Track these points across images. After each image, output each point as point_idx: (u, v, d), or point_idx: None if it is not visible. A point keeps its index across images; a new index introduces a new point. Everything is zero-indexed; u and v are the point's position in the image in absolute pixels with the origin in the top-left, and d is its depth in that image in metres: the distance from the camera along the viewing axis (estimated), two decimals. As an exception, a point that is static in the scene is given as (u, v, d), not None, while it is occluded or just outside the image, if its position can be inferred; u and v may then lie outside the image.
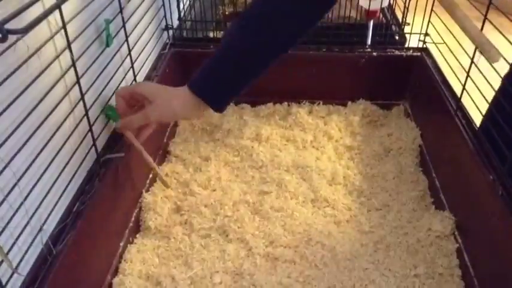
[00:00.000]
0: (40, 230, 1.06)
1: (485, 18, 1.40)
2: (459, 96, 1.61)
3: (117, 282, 1.35)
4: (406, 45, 2.07)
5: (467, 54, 1.56)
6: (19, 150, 0.96)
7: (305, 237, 1.51)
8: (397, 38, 2.11)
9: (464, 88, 1.54)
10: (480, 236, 1.35)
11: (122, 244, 1.45)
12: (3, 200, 0.91)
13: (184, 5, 2.21)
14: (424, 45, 2.01)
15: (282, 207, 1.62)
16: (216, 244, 1.50)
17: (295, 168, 1.80)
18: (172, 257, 1.46)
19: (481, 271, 1.31)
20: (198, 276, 1.38)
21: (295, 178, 1.75)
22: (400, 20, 2.11)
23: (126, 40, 1.49)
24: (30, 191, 1.01)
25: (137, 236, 1.54)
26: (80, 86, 1.18)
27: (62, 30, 1.08)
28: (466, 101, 1.61)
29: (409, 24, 2.10)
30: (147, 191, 1.66)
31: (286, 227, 1.55)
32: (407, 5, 2.03)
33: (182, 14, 2.14)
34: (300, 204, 1.65)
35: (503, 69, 1.47)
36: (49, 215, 1.10)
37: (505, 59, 1.36)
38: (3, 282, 0.89)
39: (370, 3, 1.98)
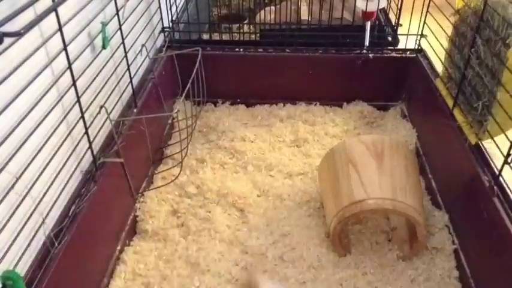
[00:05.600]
0: (38, 230, 1.06)
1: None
2: (455, 97, 1.61)
3: (114, 285, 1.35)
4: (403, 47, 2.06)
5: (461, 55, 1.56)
6: (15, 152, 0.95)
7: (301, 240, 1.50)
8: (389, 39, 2.11)
9: (459, 89, 1.54)
10: (476, 236, 1.35)
11: (118, 248, 1.44)
12: (1, 201, 0.91)
13: (177, 7, 2.20)
14: (419, 47, 2.01)
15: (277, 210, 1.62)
16: (213, 246, 1.49)
17: (291, 170, 1.80)
18: (169, 260, 1.45)
19: (478, 272, 1.31)
20: (195, 278, 1.38)
21: (291, 180, 1.75)
22: (394, 22, 2.11)
23: (123, 42, 1.48)
24: (26, 193, 1.00)
25: (134, 239, 1.53)
26: (76, 88, 1.17)
27: (58, 33, 1.08)
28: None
29: (401, 25, 2.10)
30: (144, 194, 1.65)
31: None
32: (399, 7, 2.02)
33: (175, 17, 2.14)
34: (295, 205, 1.64)
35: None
36: (46, 216, 1.10)
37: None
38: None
39: (367, 4, 1.98)
